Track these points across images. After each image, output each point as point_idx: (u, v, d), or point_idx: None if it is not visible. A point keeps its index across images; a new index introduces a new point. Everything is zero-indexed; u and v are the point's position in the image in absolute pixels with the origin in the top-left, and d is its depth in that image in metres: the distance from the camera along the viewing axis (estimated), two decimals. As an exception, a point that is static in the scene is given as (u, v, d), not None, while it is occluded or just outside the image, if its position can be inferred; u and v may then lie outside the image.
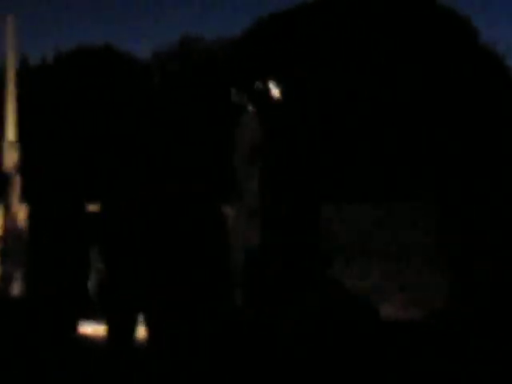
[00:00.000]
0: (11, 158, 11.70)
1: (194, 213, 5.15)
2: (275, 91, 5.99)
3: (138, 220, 5.30)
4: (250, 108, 6.21)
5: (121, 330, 5.52)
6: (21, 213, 11.25)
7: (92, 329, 7.13)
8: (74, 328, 5.94)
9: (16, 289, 9.43)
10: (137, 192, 5.38)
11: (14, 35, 12.58)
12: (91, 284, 6.51)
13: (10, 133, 12.18)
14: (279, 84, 5.87)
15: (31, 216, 6.04)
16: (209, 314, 5.15)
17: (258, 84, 6.03)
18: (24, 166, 11.44)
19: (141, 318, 5.52)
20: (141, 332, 5.46)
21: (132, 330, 5.49)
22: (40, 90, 36.04)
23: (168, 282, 5.11)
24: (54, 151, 6.01)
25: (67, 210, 5.86)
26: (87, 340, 6.56)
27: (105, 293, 5.67)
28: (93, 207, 5.91)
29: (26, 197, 6.31)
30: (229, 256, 5.39)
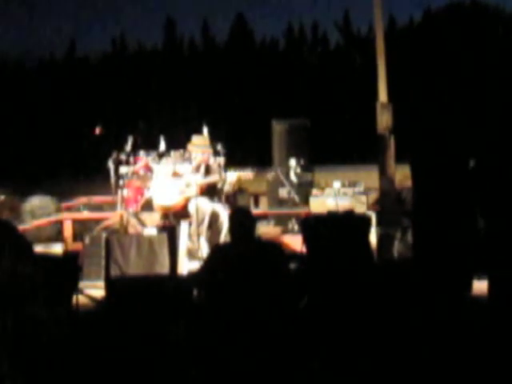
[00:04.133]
0: (385, 119, 11.73)
1: None
2: None
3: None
4: None
5: (505, 287, 5.29)
6: (397, 174, 11.26)
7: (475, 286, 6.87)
8: (468, 287, 5.76)
9: (396, 250, 9.43)
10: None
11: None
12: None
13: (382, 94, 12.22)
14: None
15: (415, 176, 5.90)
16: None
17: None
18: (398, 127, 11.40)
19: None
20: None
21: None
22: (409, 50, 36.19)
23: None
24: (427, 111, 5.78)
25: (451, 168, 5.67)
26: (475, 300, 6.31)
27: (487, 249, 5.45)
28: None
29: (409, 156, 6.15)
30: None
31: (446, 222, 5.61)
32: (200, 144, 9.95)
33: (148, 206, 10.36)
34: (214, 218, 9.55)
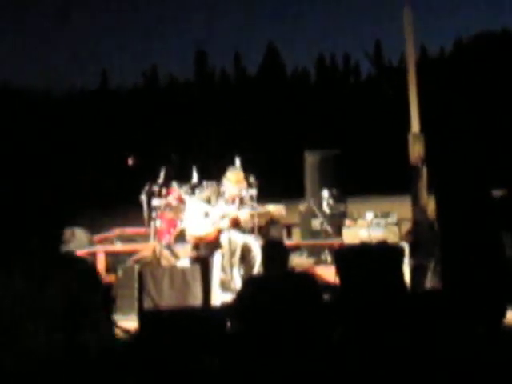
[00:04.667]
0: (417, 149, 11.69)
1: None
2: None
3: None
4: None
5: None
6: (430, 204, 11.18)
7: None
8: (501, 316, 5.72)
9: (429, 281, 9.34)
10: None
11: (411, 27, 12.58)
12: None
13: (415, 124, 12.19)
14: None
15: (440, 207, 5.91)
16: None
17: None
18: (431, 158, 11.36)
19: None
20: None
21: None
22: (441, 80, 36.12)
23: None
24: (460, 142, 5.77)
25: (475, 198, 5.67)
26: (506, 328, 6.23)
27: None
28: (497, 192, 5.65)
29: (434, 188, 6.15)
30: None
31: (473, 251, 5.58)
32: (234, 180, 9.90)
33: (181, 237, 10.39)
34: (247, 251, 9.54)
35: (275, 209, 9.92)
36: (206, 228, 9.66)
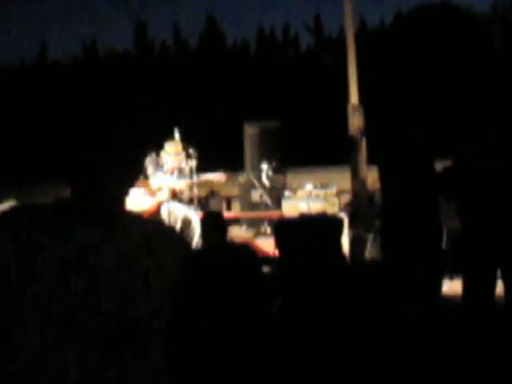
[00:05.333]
0: (356, 121, 11.74)
1: None
2: None
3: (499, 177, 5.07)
4: None
5: (479, 287, 5.32)
6: (369, 176, 11.27)
7: (448, 287, 6.95)
8: (437, 288, 5.81)
9: (368, 252, 9.44)
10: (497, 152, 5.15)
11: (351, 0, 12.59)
12: (444, 241, 6.32)
13: (353, 96, 12.24)
14: None
15: (383, 178, 5.95)
16: None
17: None
18: (369, 129, 11.43)
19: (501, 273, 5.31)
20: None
21: (491, 286, 5.29)
22: (379, 52, 36.35)
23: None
24: (399, 112, 5.82)
25: (417, 169, 5.72)
26: (442, 300, 6.33)
27: (462, 249, 5.49)
28: (441, 163, 5.72)
29: (376, 159, 6.19)
30: None
31: (411, 223, 5.64)
32: (172, 152, 9.87)
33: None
34: (187, 223, 9.50)
35: (214, 176, 9.87)
36: (146, 202, 9.59)
